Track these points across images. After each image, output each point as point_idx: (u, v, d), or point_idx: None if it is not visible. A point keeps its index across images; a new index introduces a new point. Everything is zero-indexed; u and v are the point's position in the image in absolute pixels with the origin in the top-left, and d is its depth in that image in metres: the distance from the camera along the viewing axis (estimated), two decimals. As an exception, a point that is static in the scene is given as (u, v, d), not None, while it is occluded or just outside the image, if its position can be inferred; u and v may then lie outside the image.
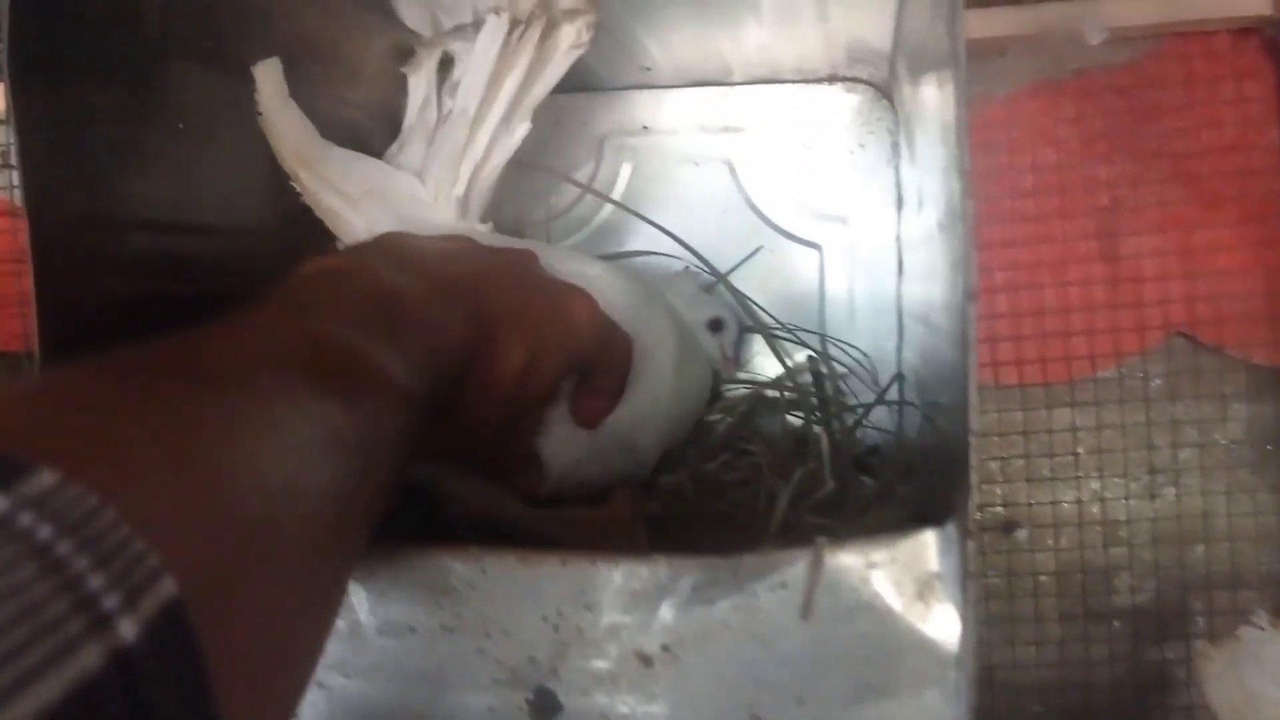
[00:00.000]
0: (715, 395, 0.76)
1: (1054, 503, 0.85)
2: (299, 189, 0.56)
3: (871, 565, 0.36)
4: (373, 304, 0.37)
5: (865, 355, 0.79)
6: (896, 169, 0.78)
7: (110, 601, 0.20)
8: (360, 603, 0.38)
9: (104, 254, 0.44)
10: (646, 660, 0.37)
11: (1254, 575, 0.83)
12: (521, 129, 0.59)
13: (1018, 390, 0.85)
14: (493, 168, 0.59)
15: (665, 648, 0.36)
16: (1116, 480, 0.85)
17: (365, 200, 0.57)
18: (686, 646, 0.36)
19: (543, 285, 0.48)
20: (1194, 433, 0.84)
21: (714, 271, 0.80)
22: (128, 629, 0.20)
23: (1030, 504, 0.85)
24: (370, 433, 0.33)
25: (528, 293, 0.46)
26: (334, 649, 0.38)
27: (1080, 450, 0.85)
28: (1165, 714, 0.84)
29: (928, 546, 0.36)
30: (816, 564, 0.35)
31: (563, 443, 0.55)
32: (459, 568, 0.37)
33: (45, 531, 0.19)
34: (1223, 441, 0.84)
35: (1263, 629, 0.65)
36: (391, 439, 0.34)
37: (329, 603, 0.31)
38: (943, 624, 0.36)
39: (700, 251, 0.79)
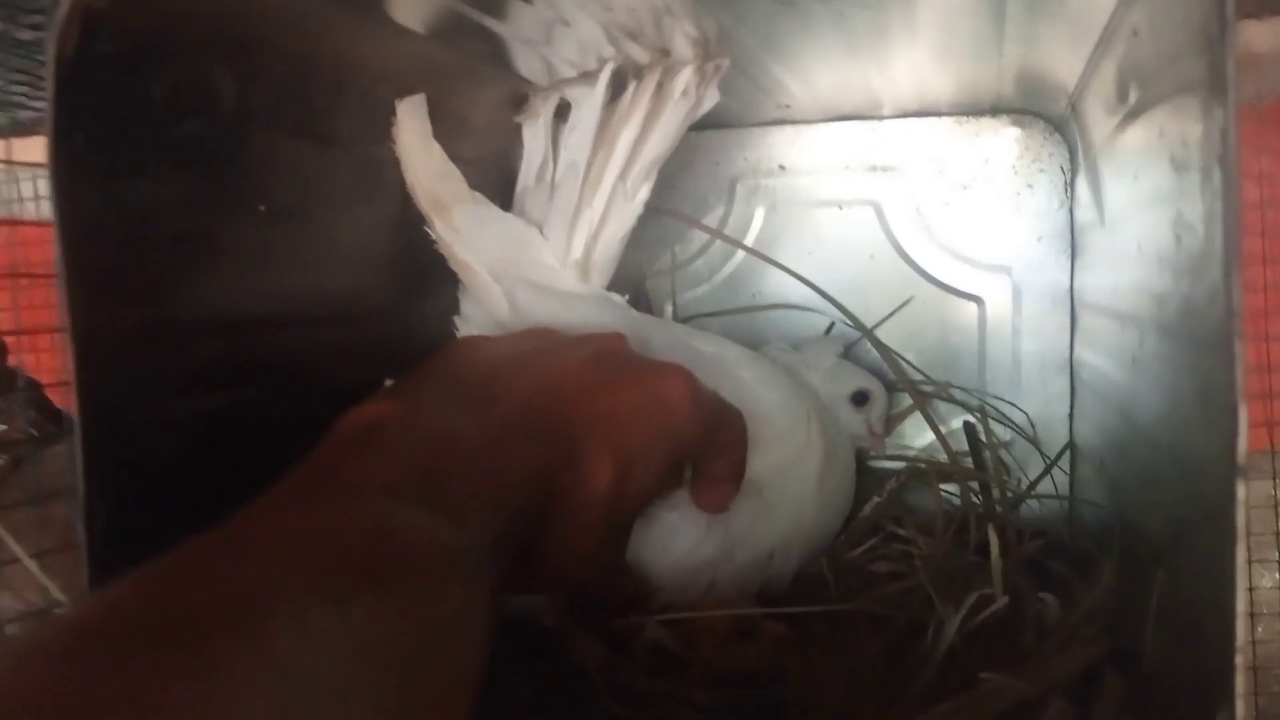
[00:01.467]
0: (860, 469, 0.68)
1: (1251, 589, 0.75)
2: (433, 235, 0.52)
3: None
4: (420, 459, 0.32)
5: (1030, 421, 0.70)
6: (1070, 213, 0.68)
7: None
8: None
9: (168, 369, 0.39)
10: None
11: None
12: (643, 191, 0.53)
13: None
14: (612, 233, 0.53)
15: None
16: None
17: (499, 266, 0.52)
18: None
19: (628, 373, 0.42)
20: None
21: (859, 326, 0.71)
22: None
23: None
24: (421, 622, 0.27)
25: (610, 390, 0.40)
26: None
27: (1283, 529, 0.74)
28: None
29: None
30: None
31: (686, 544, 0.49)
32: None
33: None
34: None
35: None
36: (456, 615, 0.29)
37: None
38: None
39: (843, 303, 0.71)
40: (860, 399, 0.65)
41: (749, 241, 0.74)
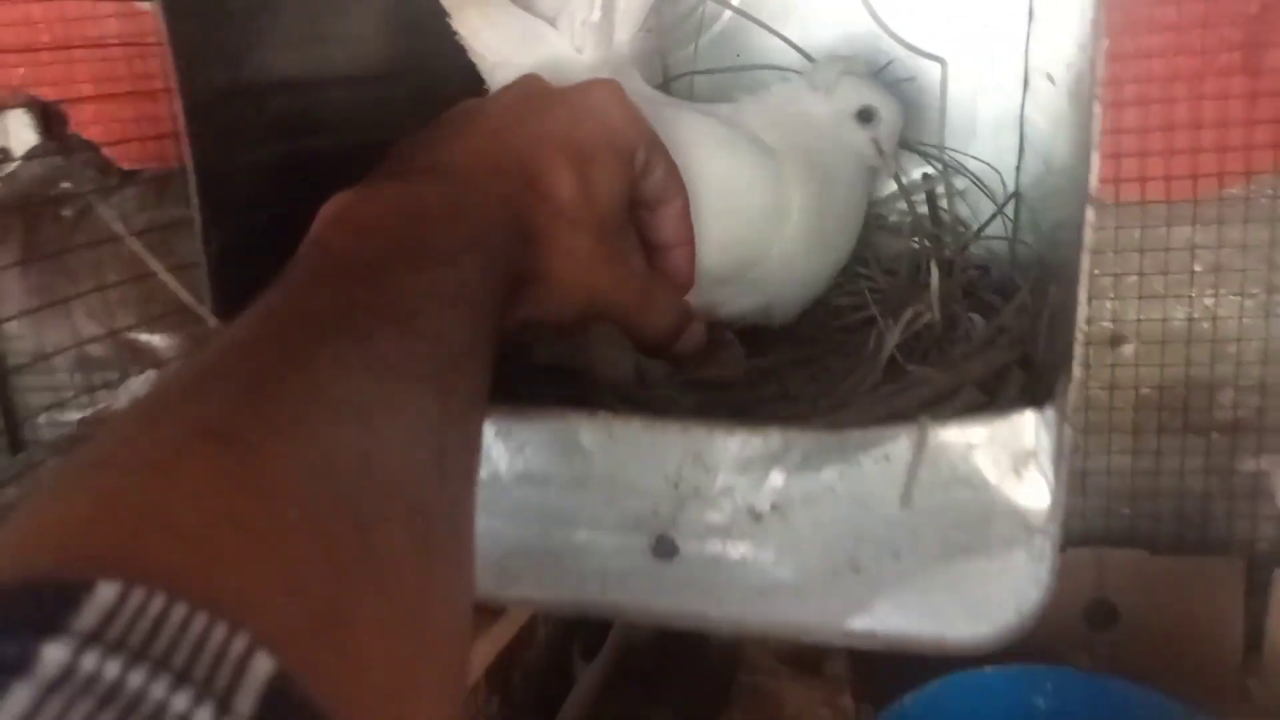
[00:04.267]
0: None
1: (1164, 319, 0.86)
2: (453, 29, 0.56)
3: (971, 445, 0.39)
4: (404, 233, 0.35)
5: (990, 167, 0.78)
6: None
7: (202, 716, 0.18)
8: (500, 456, 0.43)
9: (246, 122, 0.47)
10: (757, 516, 0.41)
11: (1365, 396, 0.83)
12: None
13: (1138, 207, 0.84)
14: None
15: (774, 506, 0.41)
16: (1232, 298, 0.84)
17: (512, 59, 0.56)
18: (794, 506, 0.40)
19: (557, 94, 0.45)
20: (1320, 253, 0.83)
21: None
22: None
23: (1140, 320, 0.86)
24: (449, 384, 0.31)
25: (544, 110, 0.43)
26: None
27: (1197, 268, 0.84)
28: (1255, 523, 0.87)
29: (1026, 428, 0.39)
30: (920, 449, 0.38)
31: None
32: (589, 431, 0.41)
33: (113, 669, 0.18)
34: (1351, 262, 0.82)
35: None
36: (471, 380, 0.33)
37: (454, 581, 0.28)
38: (1034, 496, 0.39)
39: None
40: (866, 116, 0.66)
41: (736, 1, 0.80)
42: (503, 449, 0.42)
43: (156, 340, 0.74)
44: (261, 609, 0.20)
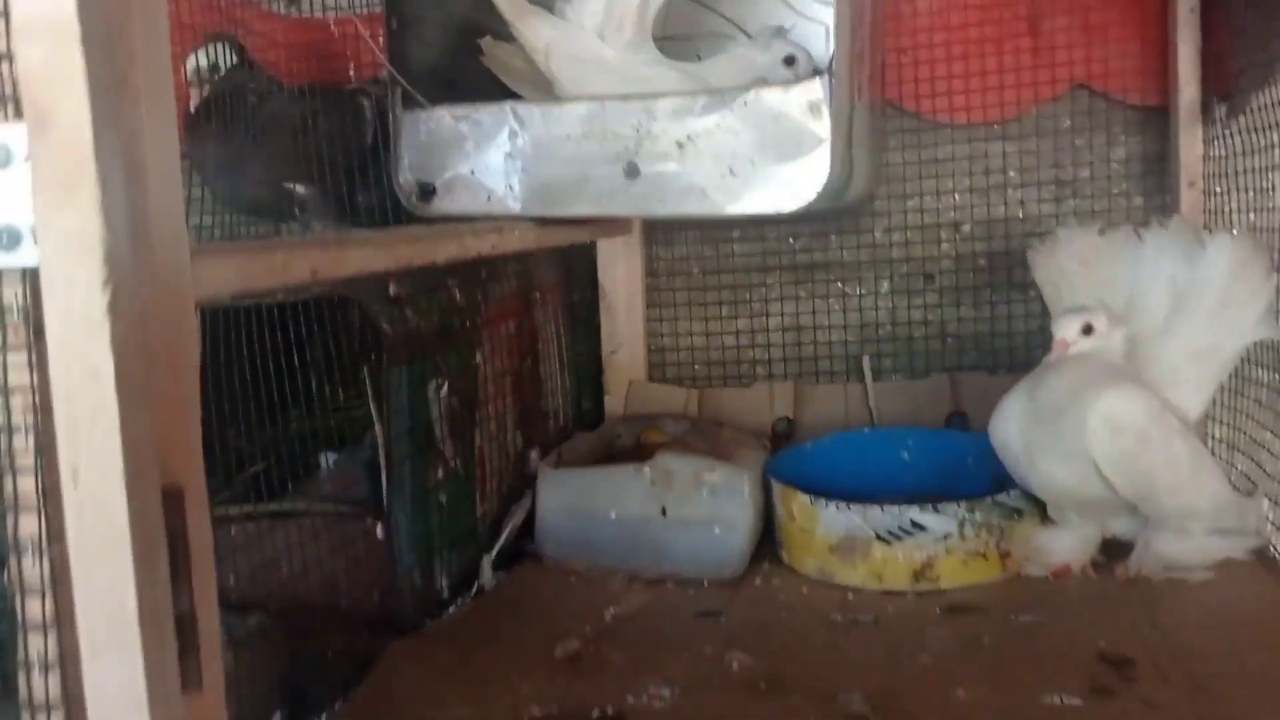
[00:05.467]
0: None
1: (989, 207, 1.24)
2: (514, 33, 0.94)
3: (787, 92, 0.76)
4: None
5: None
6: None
7: None
8: (540, 123, 0.80)
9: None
10: (680, 145, 0.78)
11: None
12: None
13: (966, 129, 1.23)
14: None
15: (689, 138, 0.78)
16: (1031, 190, 1.22)
17: (552, 46, 0.94)
18: (699, 137, 0.77)
19: None
20: (1090, 156, 1.21)
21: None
22: None
23: (973, 207, 1.24)
24: None
25: None
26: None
27: (1010, 171, 1.23)
28: (1062, 351, 1.22)
29: (816, 84, 0.76)
30: (757, 91, 0.76)
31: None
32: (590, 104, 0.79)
33: None
34: (1113, 162, 1.21)
35: (1075, 227, 1.02)
36: None
37: None
38: (822, 125, 0.76)
39: None
40: (789, 61, 0.97)
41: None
42: (541, 121, 0.80)
43: (300, 189, 1.12)
44: None
